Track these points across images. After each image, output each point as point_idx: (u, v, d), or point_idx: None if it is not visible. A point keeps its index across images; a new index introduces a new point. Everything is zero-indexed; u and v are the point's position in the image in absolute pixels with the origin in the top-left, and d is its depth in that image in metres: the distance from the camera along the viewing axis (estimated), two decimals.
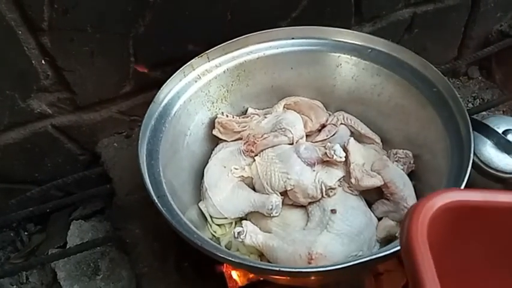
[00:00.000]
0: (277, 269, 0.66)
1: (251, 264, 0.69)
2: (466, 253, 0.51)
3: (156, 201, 0.75)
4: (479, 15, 1.27)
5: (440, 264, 0.44)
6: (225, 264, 0.94)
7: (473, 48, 1.35)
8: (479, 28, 1.31)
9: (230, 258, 0.67)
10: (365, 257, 0.66)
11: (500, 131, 0.98)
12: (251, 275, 0.93)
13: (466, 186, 1.00)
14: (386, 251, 0.67)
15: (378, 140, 0.97)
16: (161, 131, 0.87)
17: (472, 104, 1.37)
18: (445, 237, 0.46)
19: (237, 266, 0.70)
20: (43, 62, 0.94)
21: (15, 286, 1.10)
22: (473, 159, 0.99)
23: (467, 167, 0.74)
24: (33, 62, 0.92)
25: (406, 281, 1.00)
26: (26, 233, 1.18)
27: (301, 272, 0.67)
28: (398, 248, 0.66)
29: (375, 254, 0.66)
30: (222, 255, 0.67)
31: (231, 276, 0.97)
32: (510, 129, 0.99)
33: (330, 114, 1.01)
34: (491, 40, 1.33)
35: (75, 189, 1.13)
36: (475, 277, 0.52)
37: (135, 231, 0.96)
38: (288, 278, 0.78)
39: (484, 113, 1.22)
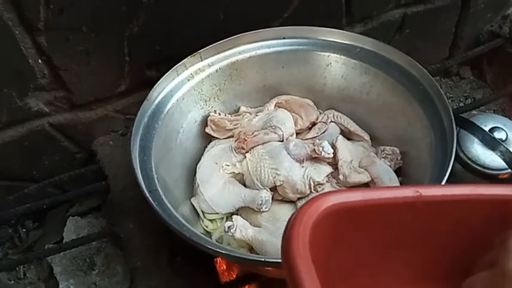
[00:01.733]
0: (263, 259, 0.68)
1: (237, 255, 0.71)
2: (355, 252, 0.51)
3: (148, 195, 0.77)
4: (470, 15, 1.29)
5: (329, 267, 0.45)
6: (217, 259, 0.97)
7: (464, 49, 1.36)
8: (469, 28, 1.33)
9: (217, 250, 0.69)
10: None
11: (487, 128, 1.00)
12: (243, 270, 0.95)
13: (452, 183, 1.02)
14: None
15: (366, 137, 0.99)
16: (154, 128, 0.89)
17: (464, 103, 1.39)
18: (332, 240, 0.47)
19: (224, 256, 0.72)
20: (40, 61, 0.96)
21: (12, 281, 1.12)
22: (460, 157, 1.02)
23: (450, 161, 0.75)
24: (30, 61, 0.94)
25: None
26: (23, 230, 1.20)
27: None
28: None
29: None
30: (209, 247, 0.69)
31: (223, 270, 0.99)
32: (497, 127, 1.01)
33: (320, 113, 1.03)
34: (482, 40, 1.35)
35: (71, 187, 1.14)
36: (367, 276, 0.53)
37: (129, 227, 0.98)
38: (277, 270, 0.80)
39: (474, 111, 1.24)
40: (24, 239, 1.18)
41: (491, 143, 0.95)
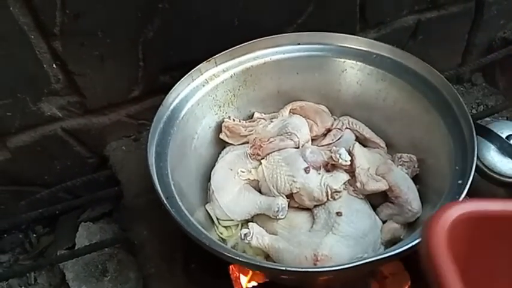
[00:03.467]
0: (284, 268, 0.68)
1: (258, 263, 0.70)
2: (489, 261, 0.50)
3: (165, 202, 0.76)
4: (483, 22, 1.29)
5: (462, 274, 0.44)
6: (231, 266, 0.96)
7: (477, 55, 1.36)
8: (482, 35, 1.33)
9: (238, 258, 0.68)
10: (369, 258, 0.67)
11: (503, 135, 0.99)
12: (257, 277, 0.94)
13: (469, 191, 1.01)
14: (390, 252, 0.68)
15: (382, 144, 0.99)
16: (169, 134, 0.89)
17: (476, 110, 1.38)
18: (466, 247, 0.46)
19: (245, 265, 0.71)
20: (54, 66, 0.96)
21: (23, 287, 1.11)
22: (477, 164, 1.01)
23: (471, 170, 0.75)
24: (44, 65, 0.95)
25: (410, 283, 1.01)
26: (34, 235, 1.20)
27: (307, 271, 0.68)
28: (402, 249, 0.67)
29: (379, 255, 0.68)
30: (230, 255, 0.69)
31: (237, 278, 0.98)
32: None
33: (335, 119, 1.02)
34: (495, 47, 1.35)
35: (83, 192, 1.14)
36: (507, 285, 0.52)
37: (143, 233, 0.97)
38: (294, 278, 0.79)
39: (487, 118, 1.23)
40: (35, 244, 1.18)
41: (510, 150, 0.94)
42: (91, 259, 1.06)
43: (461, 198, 0.71)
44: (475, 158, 0.76)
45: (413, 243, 0.67)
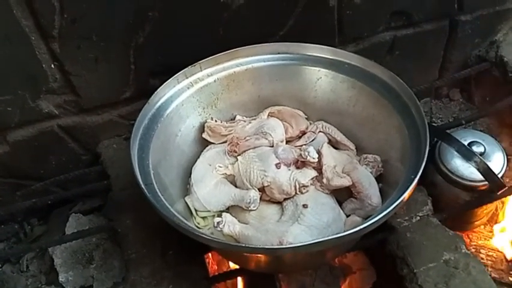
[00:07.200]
0: (244, 245, 0.74)
1: (219, 241, 0.77)
2: None
3: (143, 187, 0.84)
4: (457, 40, 1.36)
5: None
6: (210, 254, 1.02)
7: (453, 72, 1.43)
8: (458, 53, 1.40)
9: (202, 235, 0.75)
10: (323, 238, 0.74)
11: (466, 142, 1.07)
12: (229, 264, 1.01)
13: (433, 193, 1.07)
14: (338, 234, 0.75)
15: (352, 146, 1.06)
16: (153, 129, 0.96)
17: None
18: None
19: (207, 242, 0.77)
20: (52, 66, 1.04)
21: (15, 274, 1.18)
22: (441, 169, 1.08)
23: (421, 164, 0.81)
24: (43, 65, 1.03)
25: (376, 278, 1.07)
26: (29, 227, 1.27)
27: (264, 249, 0.75)
28: (351, 231, 0.74)
29: (329, 236, 0.74)
30: (194, 233, 0.75)
31: (212, 267, 1.05)
32: (476, 141, 1.08)
33: (310, 123, 1.10)
34: (470, 64, 1.42)
35: (75, 187, 1.21)
36: None
37: (127, 222, 1.04)
38: (259, 261, 0.86)
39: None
40: (29, 233, 1.25)
41: (467, 153, 1.00)
42: (79, 248, 1.13)
43: (410, 188, 0.78)
44: (426, 153, 0.82)
45: (361, 227, 0.74)
